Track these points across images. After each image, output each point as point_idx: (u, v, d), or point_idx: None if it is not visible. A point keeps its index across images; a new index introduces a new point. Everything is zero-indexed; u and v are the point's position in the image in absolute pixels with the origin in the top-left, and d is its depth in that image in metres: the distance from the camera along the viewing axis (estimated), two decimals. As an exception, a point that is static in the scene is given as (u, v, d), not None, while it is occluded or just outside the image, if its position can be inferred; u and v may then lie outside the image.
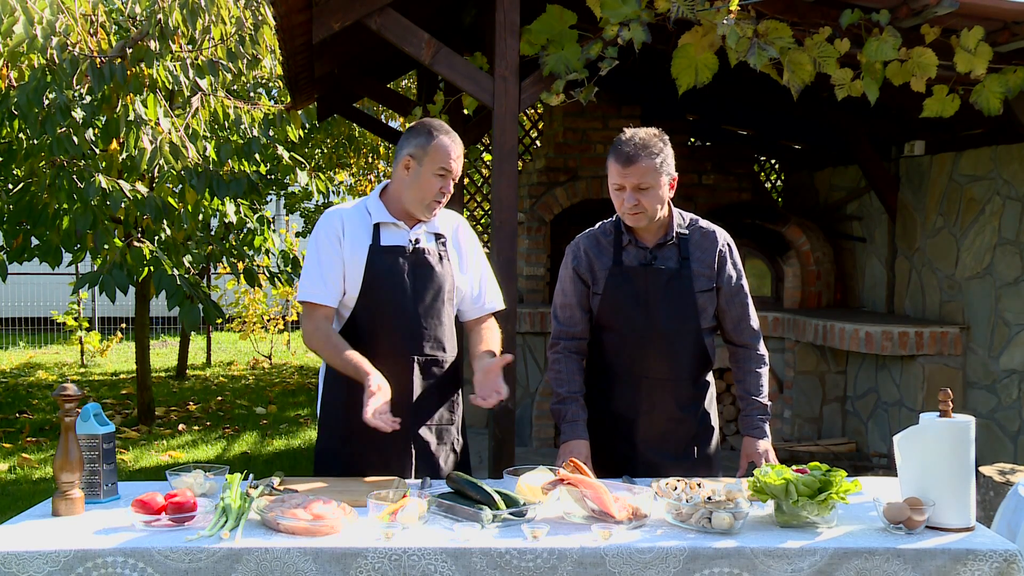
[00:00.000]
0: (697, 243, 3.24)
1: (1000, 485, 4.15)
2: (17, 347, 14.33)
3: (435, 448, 3.20)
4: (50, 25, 5.63)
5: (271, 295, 12.54)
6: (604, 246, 3.27)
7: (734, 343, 3.34)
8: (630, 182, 3.08)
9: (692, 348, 3.23)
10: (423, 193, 3.10)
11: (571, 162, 7.56)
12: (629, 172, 3.07)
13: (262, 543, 2.36)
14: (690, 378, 3.26)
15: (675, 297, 3.19)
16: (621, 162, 3.08)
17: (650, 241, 3.22)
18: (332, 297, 3.10)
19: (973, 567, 2.37)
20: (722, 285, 3.24)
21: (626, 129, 3.17)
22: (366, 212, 3.15)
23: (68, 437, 2.57)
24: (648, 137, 3.11)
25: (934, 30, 4.23)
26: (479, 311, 3.33)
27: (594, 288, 3.26)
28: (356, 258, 3.09)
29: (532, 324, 7.11)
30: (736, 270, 3.28)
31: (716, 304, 3.25)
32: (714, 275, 3.23)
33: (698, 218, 3.30)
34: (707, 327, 3.25)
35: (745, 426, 3.28)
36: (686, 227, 3.25)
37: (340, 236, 3.10)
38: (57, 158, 6.02)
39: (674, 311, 3.19)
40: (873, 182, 6.93)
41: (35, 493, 6.16)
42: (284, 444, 7.89)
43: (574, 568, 2.34)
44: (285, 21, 4.35)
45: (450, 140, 3.10)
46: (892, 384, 6.39)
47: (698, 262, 3.22)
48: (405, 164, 3.10)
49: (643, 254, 3.21)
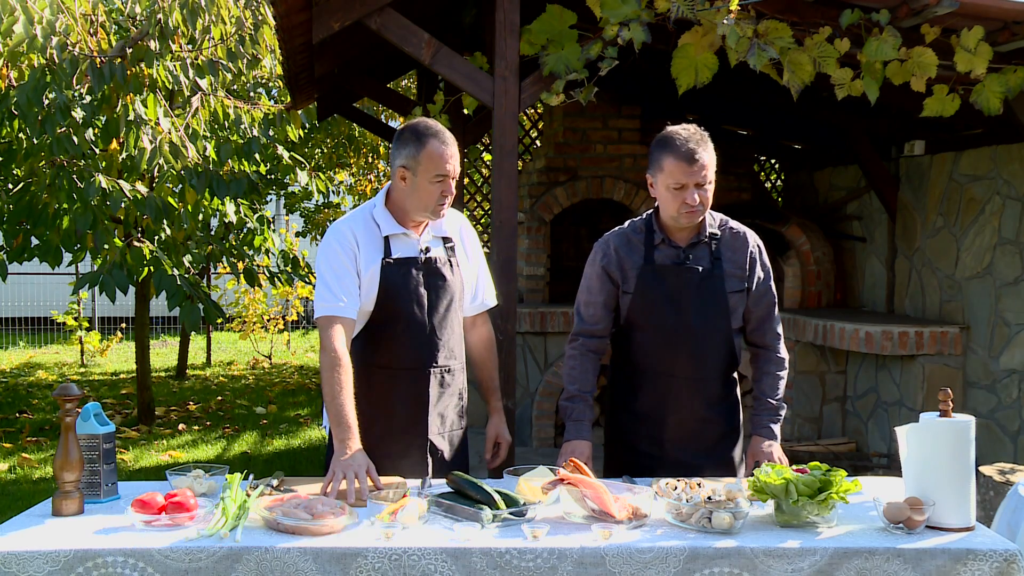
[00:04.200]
0: (728, 243, 3.23)
1: (1000, 485, 4.15)
2: (17, 347, 14.33)
3: (448, 456, 3.21)
4: (50, 25, 5.63)
5: (271, 295, 12.53)
6: (635, 244, 3.23)
7: (755, 344, 3.34)
8: (694, 179, 3.04)
9: (721, 348, 3.22)
10: (425, 201, 3.05)
11: (571, 162, 7.56)
12: (694, 170, 3.04)
13: (262, 543, 2.36)
14: (718, 378, 3.25)
15: (707, 297, 3.18)
16: (686, 160, 3.03)
17: (683, 240, 3.20)
18: (352, 309, 3.04)
19: (973, 567, 2.37)
20: (751, 286, 3.23)
21: (672, 128, 3.13)
22: (375, 224, 3.10)
23: (68, 437, 2.57)
24: (698, 133, 3.10)
25: (934, 30, 4.23)
26: (476, 308, 3.35)
27: (624, 287, 3.23)
28: (370, 272, 3.05)
29: (532, 324, 7.11)
30: (765, 271, 3.27)
31: (745, 305, 3.25)
32: (745, 276, 3.22)
33: (728, 218, 3.29)
34: (736, 327, 3.25)
35: (754, 425, 3.28)
36: (717, 227, 3.24)
37: (356, 250, 3.05)
38: (57, 158, 6.02)
39: (705, 311, 3.18)
40: (873, 182, 6.93)
41: (35, 493, 6.16)
42: (284, 444, 7.89)
43: (574, 568, 2.34)
44: (285, 21, 4.35)
45: (440, 143, 3.02)
46: (892, 384, 6.39)
47: (729, 262, 3.21)
48: (400, 175, 3.05)
49: (676, 253, 3.19)
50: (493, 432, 3.38)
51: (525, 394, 7.19)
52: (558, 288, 7.86)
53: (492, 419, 3.40)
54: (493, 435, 3.38)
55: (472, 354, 3.38)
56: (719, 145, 3.22)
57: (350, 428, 2.86)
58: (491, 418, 3.40)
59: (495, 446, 3.39)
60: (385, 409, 3.11)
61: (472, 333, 3.37)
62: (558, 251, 7.93)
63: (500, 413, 3.41)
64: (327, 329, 3.00)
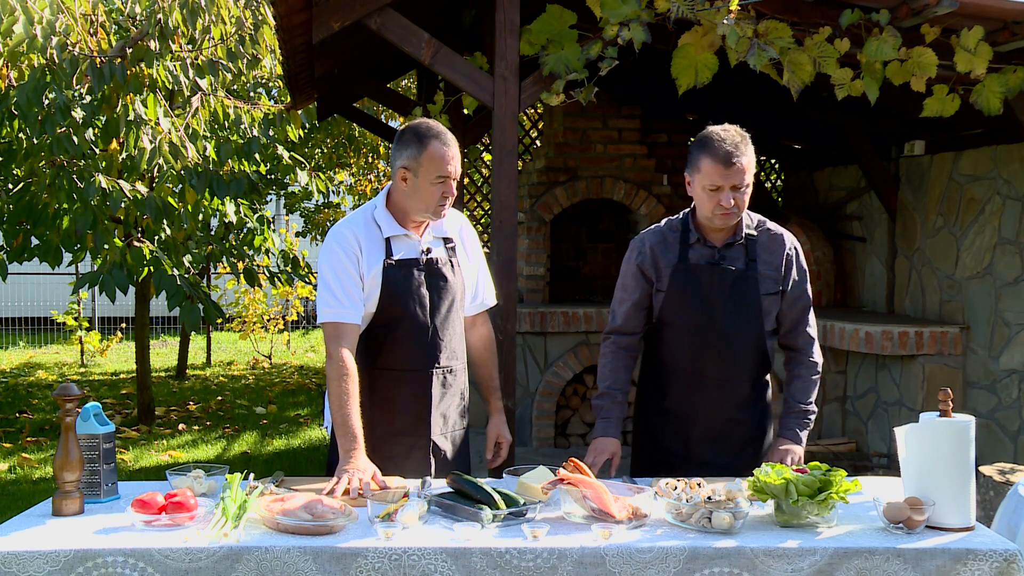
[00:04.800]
0: (764, 245, 3.21)
1: (1000, 485, 4.15)
2: (17, 347, 14.33)
3: (451, 456, 3.22)
4: (50, 25, 5.63)
5: (271, 295, 12.53)
6: (670, 243, 3.22)
7: (788, 347, 3.32)
8: (731, 182, 3.03)
9: (752, 350, 3.21)
10: (426, 202, 3.05)
11: (571, 162, 7.56)
12: (731, 173, 3.02)
13: (262, 543, 2.36)
14: (748, 379, 3.25)
15: (740, 298, 3.16)
16: (723, 163, 3.02)
17: (718, 240, 3.18)
18: (356, 315, 3.03)
19: (973, 567, 2.37)
20: (786, 288, 3.21)
21: (713, 128, 3.10)
22: (376, 226, 3.09)
23: (68, 437, 2.57)
24: (739, 135, 3.08)
25: (934, 30, 4.23)
26: (476, 308, 3.36)
27: (658, 285, 3.22)
28: (372, 274, 3.05)
29: (532, 324, 7.10)
30: (801, 273, 3.25)
31: (779, 307, 3.23)
32: (780, 278, 3.20)
33: (765, 219, 3.27)
34: (769, 329, 3.23)
35: (781, 428, 3.27)
36: (754, 228, 3.22)
37: (358, 254, 3.05)
38: (57, 158, 6.02)
39: (738, 312, 3.16)
40: (873, 182, 6.93)
41: (35, 493, 6.16)
42: (284, 444, 7.89)
43: (574, 568, 2.34)
44: (285, 21, 4.35)
45: (441, 144, 3.01)
46: (892, 384, 6.39)
47: (765, 264, 3.19)
48: (402, 176, 3.04)
49: (711, 253, 3.18)
50: (494, 432, 3.39)
51: (525, 394, 7.19)
52: (558, 288, 7.86)
53: (493, 419, 3.40)
54: (494, 435, 3.39)
55: (472, 354, 3.39)
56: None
57: (356, 438, 2.88)
58: (491, 418, 3.41)
59: (496, 446, 3.39)
60: (388, 410, 3.11)
61: (472, 333, 3.37)
62: (558, 251, 7.93)
63: (501, 413, 3.42)
64: (333, 337, 2.99)
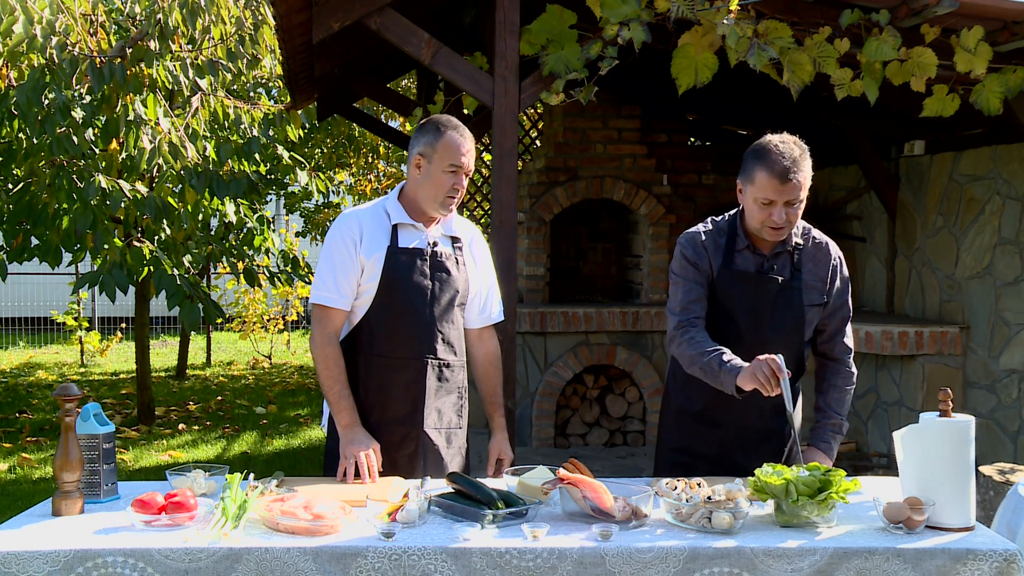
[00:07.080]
0: (811, 255, 3.15)
1: (1000, 485, 4.15)
2: (17, 347, 14.33)
3: (444, 452, 3.21)
4: (50, 25, 5.63)
5: (271, 295, 12.54)
6: (719, 245, 3.14)
7: (825, 356, 3.26)
8: (785, 197, 2.97)
9: (791, 359, 3.11)
10: (436, 191, 3.09)
11: (571, 162, 7.56)
12: (787, 188, 2.95)
13: (262, 543, 2.36)
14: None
15: (784, 308, 3.11)
16: (779, 178, 2.94)
17: (767, 248, 3.12)
18: (345, 301, 3.09)
19: (973, 567, 2.37)
20: (830, 299, 3.17)
21: (772, 139, 3.03)
22: (384, 213, 3.14)
23: (68, 437, 2.57)
24: (798, 148, 3.00)
25: (934, 30, 4.23)
26: (483, 321, 3.35)
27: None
28: (374, 259, 3.07)
29: (532, 324, 7.10)
30: (844, 284, 3.20)
31: (820, 317, 3.17)
32: (825, 290, 3.15)
33: (811, 227, 3.21)
34: (807, 339, 3.19)
35: (814, 437, 3.21)
36: (800, 236, 3.16)
37: (356, 239, 3.08)
38: (57, 158, 6.02)
39: (781, 322, 3.11)
40: (873, 182, 6.93)
41: (35, 493, 6.16)
42: (284, 444, 7.89)
43: (574, 568, 2.34)
44: (285, 21, 4.35)
45: (459, 135, 3.10)
46: (892, 384, 6.39)
47: (810, 274, 3.13)
48: (416, 163, 3.11)
49: (758, 261, 3.11)
50: (496, 449, 3.35)
51: (525, 394, 7.19)
52: (558, 288, 7.86)
53: (495, 436, 3.36)
54: (496, 452, 3.35)
55: (477, 369, 3.37)
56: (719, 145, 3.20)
57: (351, 411, 3.02)
58: (493, 436, 3.37)
59: (497, 462, 3.35)
60: (382, 397, 3.13)
61: (478, 347, 3.36)
62: (558, 251, 7.93)
63: (503, 430, 3.37)
64: (319, 320, 3.11)
